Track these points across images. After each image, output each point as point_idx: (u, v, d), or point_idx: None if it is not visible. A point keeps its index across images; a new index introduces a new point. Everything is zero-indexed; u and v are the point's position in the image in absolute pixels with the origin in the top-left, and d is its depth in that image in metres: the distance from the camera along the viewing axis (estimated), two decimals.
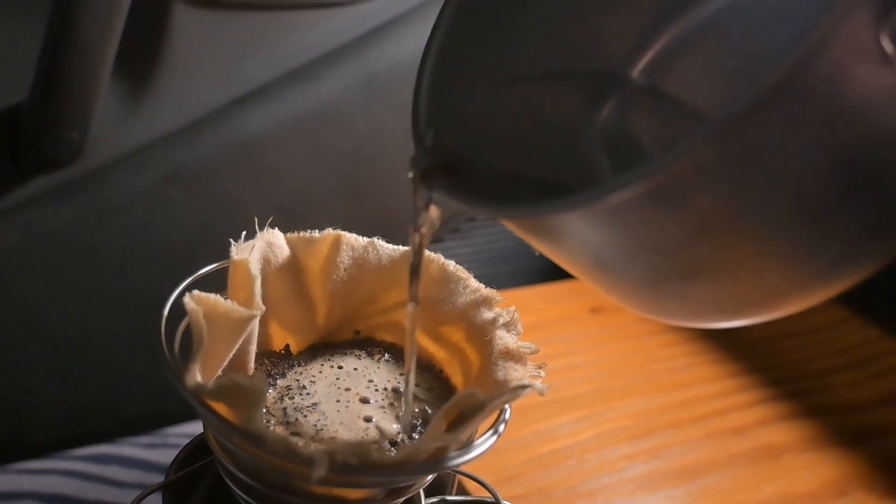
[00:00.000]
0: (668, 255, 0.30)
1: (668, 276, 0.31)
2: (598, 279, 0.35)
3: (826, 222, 0.28)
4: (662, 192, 0.26)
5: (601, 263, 0.33)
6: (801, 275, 0.30)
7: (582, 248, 0.33)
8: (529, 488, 0.64)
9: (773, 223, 0.28)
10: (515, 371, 0.41)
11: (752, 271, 0.30)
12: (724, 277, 0.31)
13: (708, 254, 0.29)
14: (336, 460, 0.33)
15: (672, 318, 0.35)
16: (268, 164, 0.78)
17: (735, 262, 0.30)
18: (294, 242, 0.46)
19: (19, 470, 0.66)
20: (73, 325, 0.72)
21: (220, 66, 0.74)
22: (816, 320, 0.92)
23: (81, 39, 0.58)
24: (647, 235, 0.29)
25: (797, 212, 0.28)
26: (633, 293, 0.35)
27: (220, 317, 0.38)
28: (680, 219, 0.28)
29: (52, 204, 0.68)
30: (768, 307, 0.31)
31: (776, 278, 0.30)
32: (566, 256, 0.34)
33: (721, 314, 0.33)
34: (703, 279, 0.31)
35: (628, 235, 0.30)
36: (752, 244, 0.29)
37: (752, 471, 0.69)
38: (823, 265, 0.29)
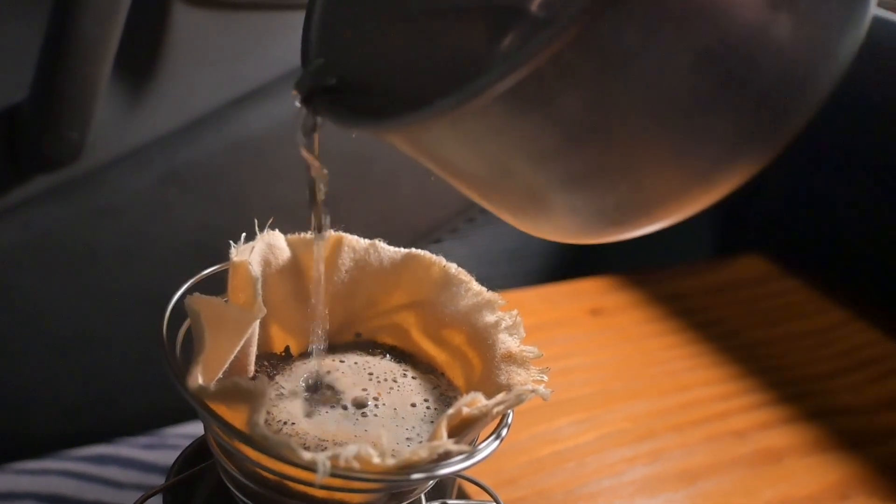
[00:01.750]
0: (544, 163, 0.30)
1: (548, 187, 0.31)
2: (489, 197, 0.35)
3: (695, 123, 0.28)
4: (526, 93, 0.26)
5: (487, 179, 0.34)
6: (679, 178, 0.30)
7: (465, 162, 0.33)
8: (529, 491, 0.64)
9: (643, 125, 0.28)
10: (518, 375, 0.41)
11: (630, 175, 0.30)
12: (603, 184, 0.30)
13: (583, 159, 0.29)
14: (338, 465, 0.32)
15: (565, 235, 0.35)
16: (268, 164, 0.78)
17: (611, 167, 0.30)
18: (295, 244, 0.46)
19: (18, 470, 0.66)
20: (72, 325, 0.72)
21: (220, 66, 0.74)
22: (817, 323, 0.92)
23: (81, 39, 0.58)
24: (520, 142, 0.29)
25: (664, 113, 0.28)
26: (521, 210, 0.35)
27: (221, 319, 0.38)
28: (549, 123, 0.28)
29: (51, 203, 0.68)
30: (652, 214, 0.31)
31: (655, 182, 0.30)
32: (453, 174, 0.34)
33: (609, 225, 0.32)
34: (582, 186, 0.31)
35: (503, 143, 0.30)
36: (624, 148, 0.29)
37: (752, 474, 0.69)
38: (699, 168, 0.30)
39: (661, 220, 0.32)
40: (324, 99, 0.36)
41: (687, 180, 0.30)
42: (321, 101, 0.36)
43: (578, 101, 0.27)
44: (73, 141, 0.64)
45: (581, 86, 0.26)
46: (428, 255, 0.48)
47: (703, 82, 0.27)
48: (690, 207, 0.31)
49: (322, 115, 0.36)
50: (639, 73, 0.26)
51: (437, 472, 0.35)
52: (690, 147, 0.29)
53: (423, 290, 0.48)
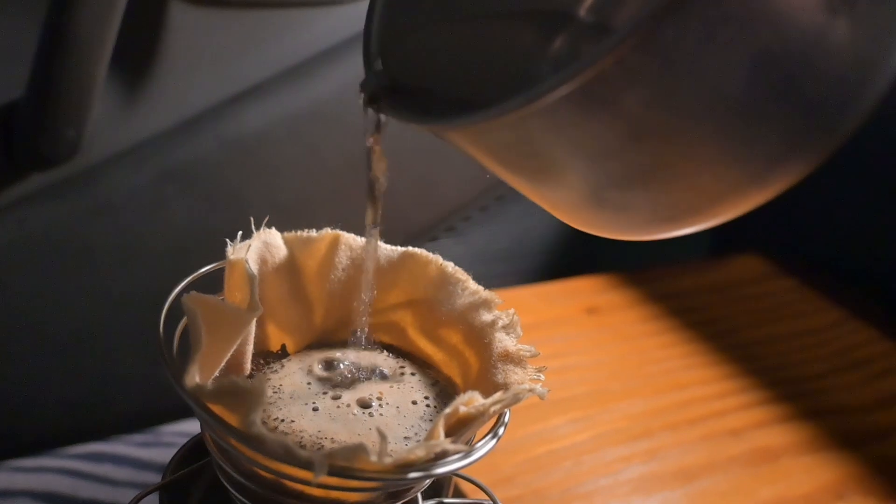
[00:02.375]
0: (604, 161, 0.31)
1: (606, 184, 0.32)
2: (544, 193, 0.36)
3: (753, 123, 0.29)
4: (591, 93, 0.27)
5: (544, 175, 0.34)
6: (734, 177, 0.31)
7: (524, 159, 0.33)
8: (525, 490, 0.64)
9: (702, 125, 0.29)
10: (515, 374, 0.41)
11: (687, 175, 0.31)
12: (660, 183, 0.31)
13: (642, 158, 0.30)
14: (335, 463, 0.32)
15: (616, 232, 0.36)
16: (264, 162, 0.78)
17: (669, 167, 0.30)
18: (291, 242, 0.46)
19: (13, 468, 0.66)
20: (68, 323, 0.72)
21: (217, 64, 0.74)
22: (813, 322, 0.92)
23: (78, 37, 0.58)
24: (582, 140, 0.30)
25: (723, 113, 0.28)
26: (575, 205, 0.35)
27: (218, 317, 0.38)
28: (611, 122, 0.29)
29: (47, 201, 0.67)
30: (706, 212, 0.32)
31: (711, 182, 0.31)
32: (510, 171, 0.35)
33: (662, 222, 0.33)
34: (641, 184, 0.32)
35: (564, 141, 0.31)
36: (683, 147, 0.30)
37: (749, 473, 0.69)
38: (755, 167, 0.30)
39: (713, 219, 0.32)
40: (387, 99, 0.38)
41: (742, 180, 0.31)
42: (385, 102, 0.38)
43: (641, 101, 0.28)
44: (69, 139, 0.64)
45: (644, 86, 0.27)
46: (425, 253, 0.48)
47: (762, 84, 0.28)
48: (743, 206, 0.32)
49: (387, 114, 0.38)
50: (699, 74, 0.27)
51: (434, 471, 0.35)
52: (747, 147, 0.30)
53: (419, 288, 0.48)
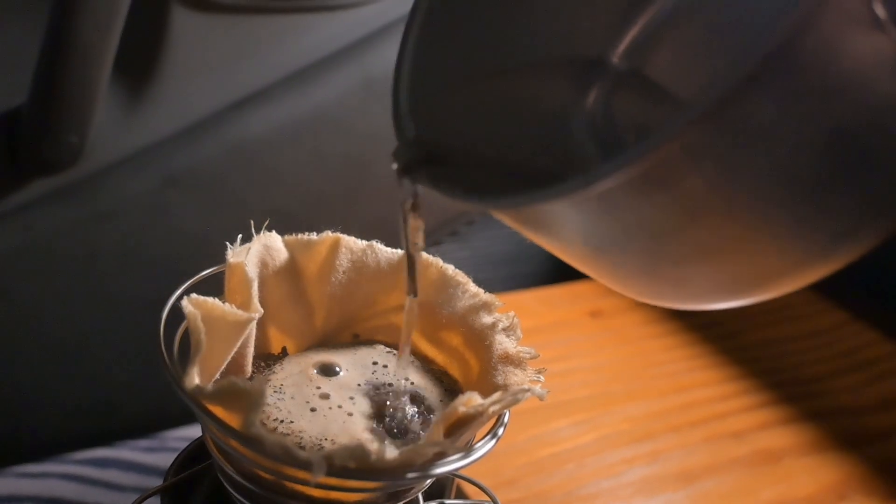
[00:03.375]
0: (661, 239, 0.29)
1: (663, 261, 0.31)
2: (593, 267, 0.35)
3: (823, 198, 0.27)
4: (651, 177, 0.26)
5: (595, 252, 0.33)
6: (799, 253, 0.29)
7: (573, 236, 0.32)
8: (528, 492, 0.64)
9: (768, 203, 0.27)
10: (515, 376, 0.41)
11: (749, 252, 0.29)
12: (721, 260, 0.30)
13: (703, 237, 0.29)
14: (334, 464, 0.33)
15: (671, 302, 0.34)
16: (266, 167, 0.78)
17: (731, 244, 0.29)
18: (292, 245, 0.46)
19: (18, 473, 0.66)
20: (72, 329, 0.72)
21: (219, 70, 0.74)
22: (816, 324, 0.92)
23: (80, 43, 0.58)
24: (640, 221, 0.29)
25: (793, 190, 0.27)
26: (628, 280, 0.34)
27: (218, 320, 0.38)
28: (671, 203, 0.27)
29: (50, 207, 0.68)
30: (768, 286, 0.31)
31: (774, 257, 0.30)
32: (558, 246, 0.34)
33: (720, 295, 0.32)
34: (699, 262, 0.30)
35: (620, 222, 0.29)
36: (747, 225, 0.28)
37: (751, 475, 0.69)
38: (821, 242, 0.29)
39: (776, 292, 0.31)
40: (425, 171, 0.36)
41: (807, 256, 0.29)
42: (421, 172, 0.36)
43: (704, 182, 0.26)
44: (72, 144, 0.64)
45: (707, 167, 0.26)
46: (425, 256, 0.48)
47: (834, 160, 0.26)
48: (806, 280, 0.30)
49: (423, 185, 0.36)
50: (766, 153, 0.26)
51: (433, 471, 0.35)
52: (815, 223, 0.28)
53: (420, 291, 0.48)
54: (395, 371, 0.45)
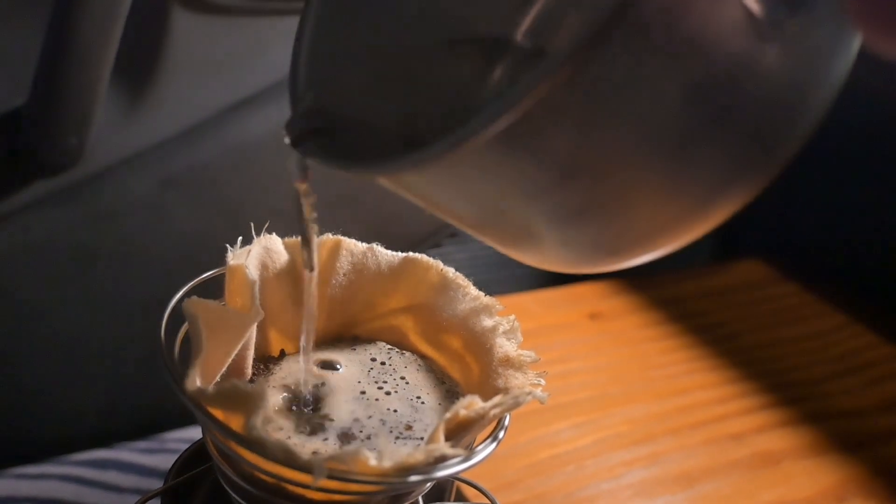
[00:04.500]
0: (538, 199, 0.30)
1: (544, 222, 0.31)
2: (484, 231, 0.35)
3: (688, 156, 0.28)
4: (516, 134, 0.26)
5: (480, 217, 0.33)
6: (674, 210, 0.30)
7: (457, 203, 0.33)
8: (528, 494, 0.64)
9: (634, 161, 0.28)
10: (515, 379, 0.41)
11: (625, 209, 0.30)
12: (599, 218, 0.30)
13: (576, 195, 0.29)
14: (334, 467, 0.33)
15: (562, 266, 0.35)
16: (266, 169, 0.78)
17: (605, 201, 0.29)
18: (293, 247, 0.46)
19: (17, 475, 0.66)
20: (71, 330, 0.72)
21: (219, 72, 0.74)
22: (814, 327, 0.92)
23: (81, 44, 0.58)
24: (513, 181, 0.29)
25: (656, 147, 0.27)
26: (518, 245, 0.34)
27: (219, 322, 0.38)
28: (541, 161, 0.28)
29: (50, 208, 0.68)
30: (649, 245, 0.31)
31: (650, 215, 0.30)
32: (447, 213, 0.34)
33: (607, 256, 0.32)
34: (578, 222, 0.31)
35: (495, 183, 0.29)
36: (617, 182, 0.29)
37: (750, 477, 0.69)
38: (695, 197, 0.29)
39: (657, 250, 0.31)
40: (313, 141, 0.36)
41: (682, 211, 0.30)
42: (311, 144, 0.36)
43: (569, 139, 0.27)
44: (72, 146, 0.64)
45: (571, 124, 0.26)
46: (426, 258, 0.48)
47: (694, 116, 0.27)
48: (687, 237, 0.31)
49: (312, 157, 0.36)
50: (627, 109, 0.26)
51: (434, 474, 0.35)
52: (684, 179, 0.29)
53: (420, 293, 0.48)
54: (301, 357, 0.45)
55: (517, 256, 0.35)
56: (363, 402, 0.43)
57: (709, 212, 0.30)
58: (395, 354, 0.47)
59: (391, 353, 0.47)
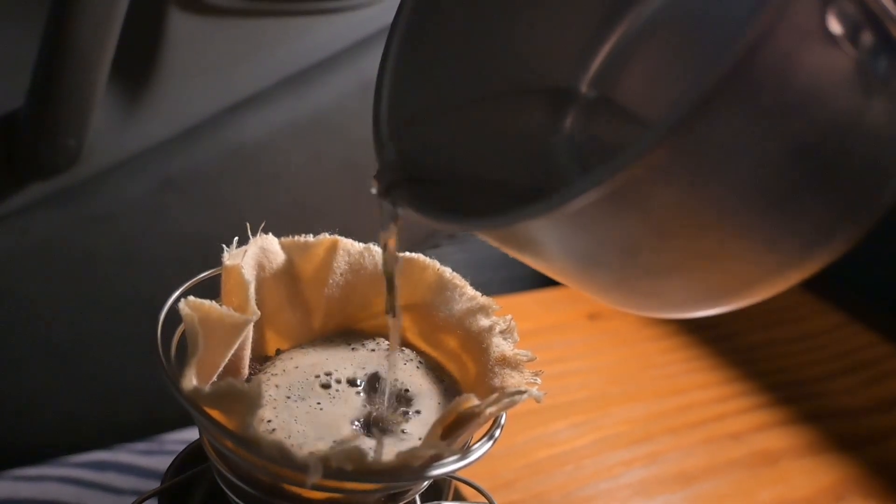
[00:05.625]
0: (635, 254, 0.30)
1: (637, 275, 0.32)
2: (571, 280, 0.35)
3: (789, 210, 0.28)
4: (621, 195, 0.26)
5: (572, 267, 0.34)
6: (770, 263, 0.30)
7: (550, 253, 0.33)
8: (526, 494, 0.64)
9: (736, 216, 0.28)
10: (512, 378, 0.41)
11: (721, 264, 0.30)
12: (694, 272, 0.31)
13: (674, 251, 0.30)
14: (331, 466, 0.33)
15: (648, 312, 0.35)
16: (264, 170, 0.78)
17: (703, 257, 0.30)
18: (289, 247, 0.46)
19: (16, 477, 0.66)
20: (69, 331, 0.72)
21: (217, 73, 0.74)
22: (813, 325, 0.92)
23: (77, 46, 0.58)
24: (613, 237, 0.29)
25: (759, 203, 0.28)
26: (605, 292, 0.35)
27: (215, 322, 0.38)
28: (642, 219, 0.28)
29: (47, 210, 0.68)
30: (741, 296, 0.32)
31: (746, 268, 0.30)
32: (537, 262, 0.35)
33: (695, 305, 0.33)
34: (673, 275, 0.31)
35: (594, 239, 0.30)
36: (717, 238, 0.29)
37: (749, 476, 0.69)
38: (792, 251, 0.30)
39: (748, 300, 0.32)
40: (405, 193, 0.36)
41: (778, 266, 0.30)
42: (401, 193, 0.36)
43: (672, 199, 0.27)
44: (69, 148, 0.64)
45: (674, 185, 0.26)
46: (422, 258, 0.48)
47: (798, 174, 0.27)
48: (780, 287, 0.31)
49: (403, 207, 0.36)
50: (731, 169, 0.26)
51: (430, 473, 0.35)
52: (783, 235, 0.29)
53: (417, 293, 0.48)
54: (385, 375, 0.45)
55: (603, 301, 0.36)
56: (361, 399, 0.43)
57: (803, 266, 0.30)
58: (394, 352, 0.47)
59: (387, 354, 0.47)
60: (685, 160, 0.26)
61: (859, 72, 0.26)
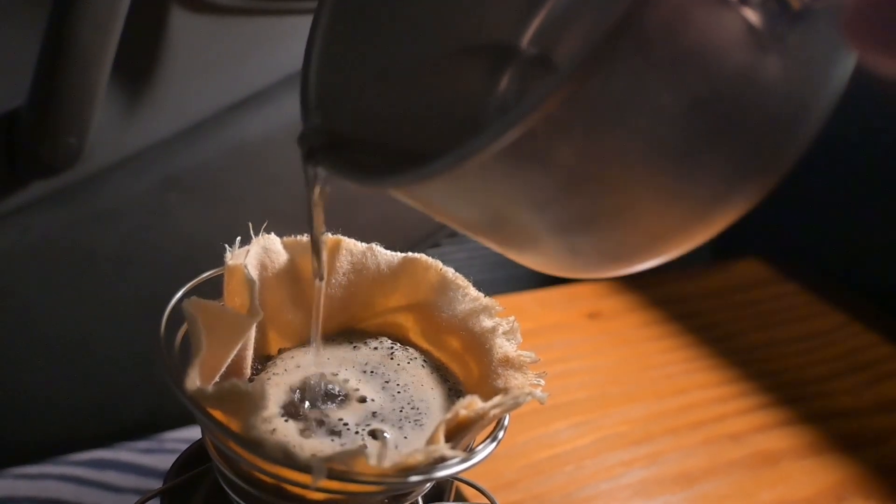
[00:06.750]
0: (544, 209, 0.30)
1: (550, 231, 0.32)
2: (492, 239, 0.35)
3: (691, 165, 0.29)
4: (521, 149, 0.26)
5: (488, 225, 0.34)
6: (676, 218, 0.30)
7: (463, 211, 0.33)
8: (527, 494, 0.64)
9: (637, 172, 0.28)
10: (515, 379, 0.41)
11: (631, 217, 0.30)
12: (605, 226, 0.31)
13: (582, 205, 0.30)
14: (334, 467, 0.33)
15: (565, 271, 0.35)
16: (266, 169, 0.78)
17: (609, 211, 0.30)
18: (292, 247, 0.46)
19: (16, 475, 0.66)
20: (71, 330, 0.72)
21: (218, 71, 0.74)
22: (814, 326, 0.92)
23: (79, 44, 0.58)
24: (520, 192, 0.30)
25: (659, 157, 0.28)
26: (523, 251, 0.35)
27: (218, 322, 0.38)
28: (546, 173, 0.28)
29: (49, 209, 0.68)
30: (653, 251, 0.32)
31: (654, 222, 0.31)
32: (455, 221, 0.35)
33: (611, 263, 0.33)
34: (585, 230, 0.31)
35: (501, 194, 0.30)
36: (621, 192, 0.29)
37: (749, 477, 0.69)
38: (697, 206, 0.30)
39: (661, 256, 0.32)
40: (325, 154, 0.37)
41: (685, 219, 0.30)
42: (322, 156, 0.37)
43: (573, 152, 0.27)
44: (71, 146, 0.64)
45: (574, 139, 0.27)
46: (425, 258, 0.48)
47: (695, 128, 0.27)
48: (690, 243, 0.31)
49: (324, 169, 0.37)
50: (629, 123, 0.27)
51: (434, 474, 0.35)
52: (687, 188, 0.29)
53: (420, 293, 0.48)
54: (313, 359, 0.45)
55: (520, 260, 0.36)
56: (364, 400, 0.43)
57: (710, 220, 0.30)
58: (397, 352, 0.47)
59: (393, 349, 0.47)
60: (580, 113, 0.26)
61: (752, 28, 0.26)
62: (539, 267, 0.36)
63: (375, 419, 0.41)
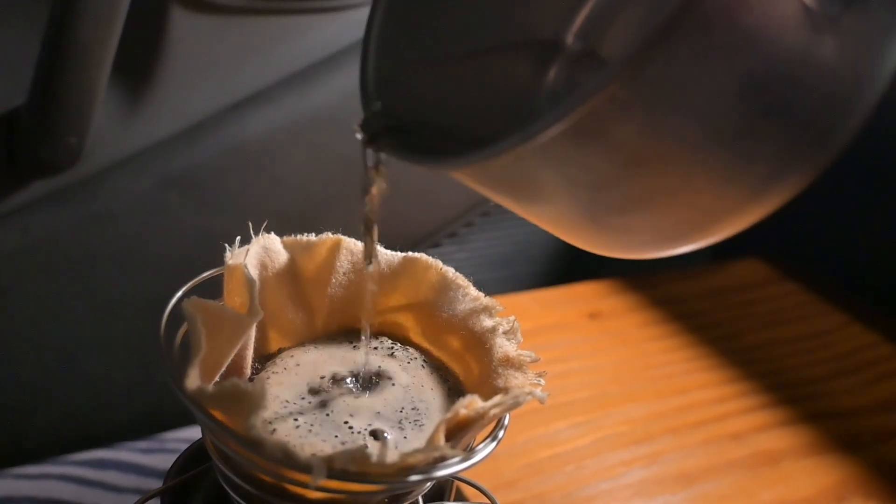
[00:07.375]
0: (603, 189, 0.31)
1: (607, 210, 0.33)
2: (549, 221, 0.36)
3: (747, 144, 0.29)
4: (583, 129, 0.27)
5: (544, 204, 0.35)
6: (731, 197, 0.31)
7: (524, 192, 0.34)
8: (527, 494, 0.64)
9: (696, 149, 0.29)
10: (515, 379, 0.41)
11: (686, 197, 0.31)
12: (660, 206, 0.32)
13: (640, 184, 0.31)
14: (334, 467, 0.32)
15: (619, 251, 0.36)
16: (266, 169, 0.78)
17: (667, 190, 0.31)
18: (292, 246, 0.46)
19: (17, 475, 0.66)
20: (70, 330, 0.72)
21: (218, 71, 0.74)
22: (814, 326, 0.92)
23: (79, 44, 0.58)
24: (580, 172, 0.31)
25: (717, 136, 0.29)
26: (579, 231, 0.36)
27: (218, 322, 0.38)
28: (607, 153, 0.29)
29: (49, 208, 0.68)
30: (708, 230, 0.33)
31: (710, 201, 0.31)
32: (513, 202, 0.36)
33: (664, 242, 0.34)
34: (641, 210, 0.32)
35: (562, 174, 0.31)
36: (679, 171, 0.30)
37: (750, 477, 0.69)
38: (752, 184, 0.31)
39: (714, 236, 0.33)
40: (387, 138, 0.38)
41: (739, 198, 0.31)
42: (384, 141, 0.38)
43: (633, 132, 0.28)
44: (71, 146, 0.64)
45: (635, 118, 0.28)
46: (425, 258, 0.48)
47: (751, 107, 0.28)
48: (743, 222, 0.32)
49: (386, 153, 0.38)
50: (689, 103, 0.28)
51: (434, 474, 0.35)
52: (742, 168, 0.30)
53: (420, 293, 0.48)
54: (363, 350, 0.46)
55: (581, 244, 0.37)
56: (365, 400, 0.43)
57: (765, 199, 0.31)
58: (397, 352, 0.47)
59: (393, 349, 0.47)
60: (642, 94, 0.27)
61: (807, 9, 0.27)
62: (585, 245, 0.37)
63: (376, 419, 0.41)
